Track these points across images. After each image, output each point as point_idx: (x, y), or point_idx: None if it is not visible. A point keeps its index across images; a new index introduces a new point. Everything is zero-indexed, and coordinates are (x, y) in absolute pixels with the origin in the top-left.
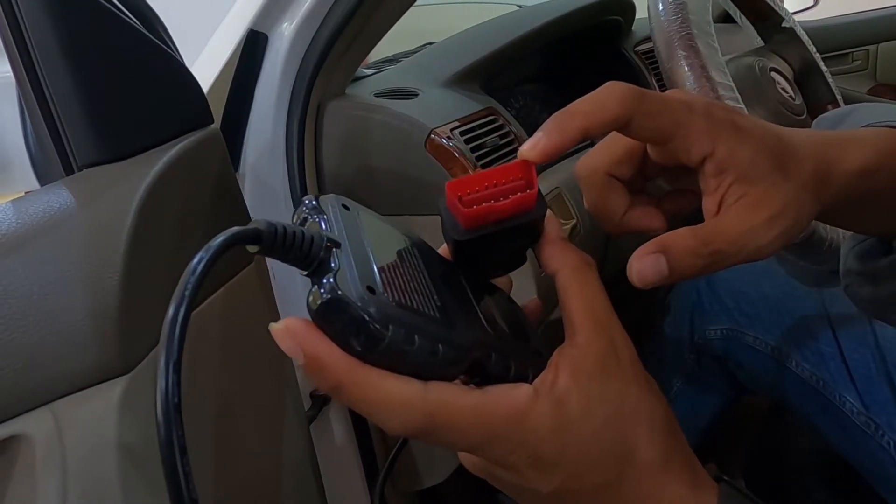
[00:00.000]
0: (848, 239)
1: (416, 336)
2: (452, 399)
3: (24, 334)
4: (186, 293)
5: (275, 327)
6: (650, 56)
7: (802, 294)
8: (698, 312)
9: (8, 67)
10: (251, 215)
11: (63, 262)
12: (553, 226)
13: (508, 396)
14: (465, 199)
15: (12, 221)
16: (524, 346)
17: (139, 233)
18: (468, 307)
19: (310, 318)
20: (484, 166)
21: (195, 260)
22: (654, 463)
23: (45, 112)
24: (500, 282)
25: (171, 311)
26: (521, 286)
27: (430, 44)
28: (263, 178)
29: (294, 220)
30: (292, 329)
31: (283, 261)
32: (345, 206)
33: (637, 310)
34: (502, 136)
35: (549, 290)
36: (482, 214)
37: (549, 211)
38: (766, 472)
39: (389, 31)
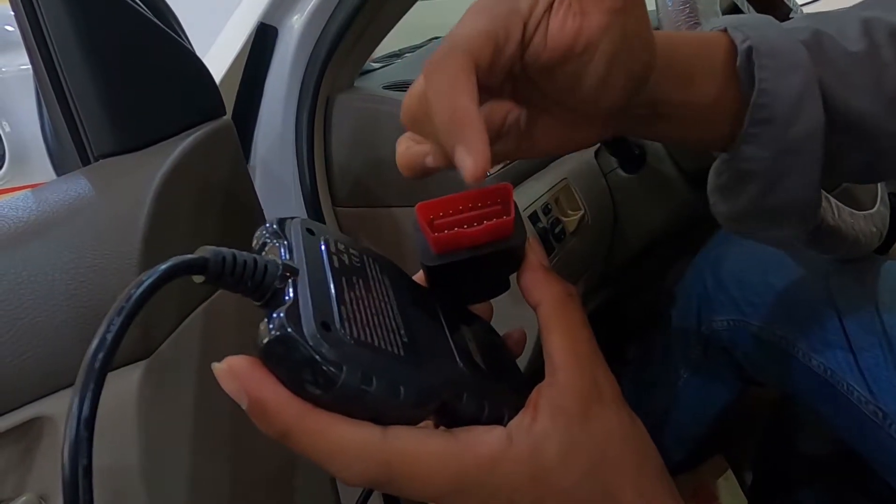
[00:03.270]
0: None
1: (374, 377)
2: (415, 445)
3: (48, 318)
4: (109, 335)
5: (217, 367)
6: None
7: (809, 284)
8: (705, 303)
9: (26, 60)
10: (262, 206)
11: (83, 249)
12: (535, 253)
13: (480, 441)
14: (435, 223)
15: (33, 209)
16: (501, 384)
17: (156, 221)
18: (440, 341)
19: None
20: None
21: (123, 297)
22: None
23: (62, 103)
24: (480, 309)
25: (93, 345)
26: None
27: (437, 38)
28: (273, 170)
29: (254, 245)
30: (236, 369)
31: (235, 291)
32: (309, 231)
33: (644, 300)
34: None
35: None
36: (452, 240)
37: (531, 237)
38: (776, 463)
39: (396, 27)
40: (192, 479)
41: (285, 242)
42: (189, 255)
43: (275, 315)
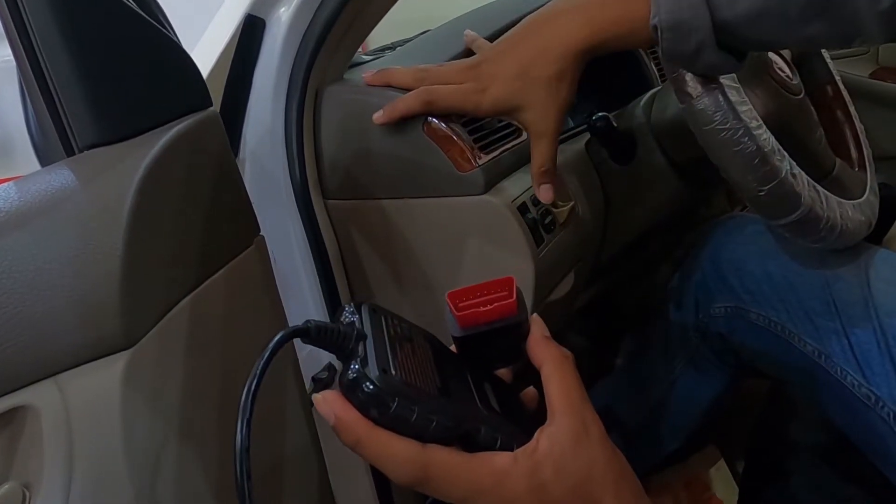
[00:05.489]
0: None
1: (415, 407)
2: (445, 458)
3: (30, 308)
4: (253, 382)
5: (316, 397)
6: None
7: (806, 272)
8: (703, 292)
9: (9, 51)
10: (252, 199)
11: (66, 240)
12: (538, 327)
13: (492, 459)
14: (459, 305)
15: (15, 200)
16: (513, 425)
17: (139, 212)
18: (465, 389)
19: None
20: (482, 148)
21: (263, 356)
22: None
23: (45, 94)
24: (501, 374)
25: (248, 385)
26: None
27: (427, 31)
28: (263, 164)
29: (338, 318)
30: (328, 399)
31: (324, 349)
32: (373, 309)
33: (637, 291)
34: (500, 119)
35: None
36: (471, 316)
37: (535, 315)
38: (767, 452)
39: (387, 20)
40: (178, 473)
41: (358, 317)
42: (297, 326)
43: (352, 364)
